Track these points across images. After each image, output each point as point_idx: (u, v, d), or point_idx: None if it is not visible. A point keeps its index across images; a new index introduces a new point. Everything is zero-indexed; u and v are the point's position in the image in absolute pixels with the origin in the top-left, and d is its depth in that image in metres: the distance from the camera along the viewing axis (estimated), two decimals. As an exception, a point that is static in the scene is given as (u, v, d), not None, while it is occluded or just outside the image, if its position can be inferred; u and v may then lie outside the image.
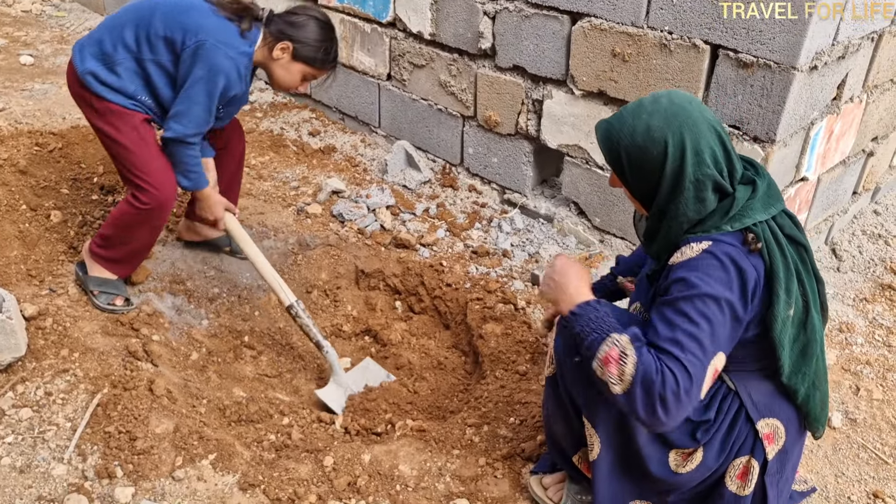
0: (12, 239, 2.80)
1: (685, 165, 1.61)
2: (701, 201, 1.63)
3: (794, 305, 1.64)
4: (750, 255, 1.60)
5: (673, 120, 1.63)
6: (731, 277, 1.57)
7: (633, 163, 1.67)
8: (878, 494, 2.26)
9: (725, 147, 1.65)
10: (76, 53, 2.44)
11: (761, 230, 1.63)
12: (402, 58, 3.83)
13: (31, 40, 5.43)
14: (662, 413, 1.51)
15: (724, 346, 1.58)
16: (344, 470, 2.12)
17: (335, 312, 3.07)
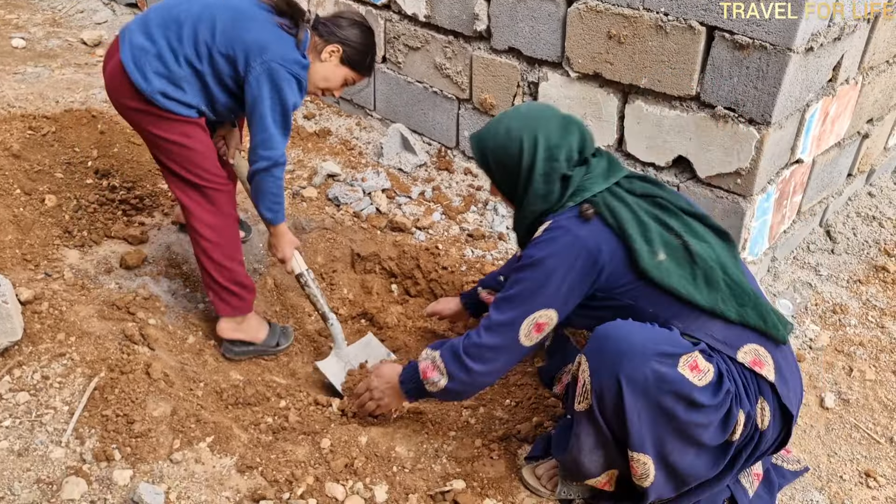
0: (7, 223, 2.79)
1: (537, 160, 1.88)
2: (548, 193, 1.90)
3: (662, 250, 1.80)
4: (587, 222, 1.83)
5: (529, 121, 1.91)
6: (563, 243, 1.81)
7: (497, 161, 1.96)
8: (870, 473, 2.28)
9: (583, 137, 1.92)
10: (135, 72, 2.27)
11: (601, 198, 1.86)
12: (397, 40, 3.81)
13: (23, 23, 5.39)
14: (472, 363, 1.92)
15: (552, 301, 1.84)
16: (341, 452, 2.13)
17: (331, 296, 3.08)
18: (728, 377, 1.76)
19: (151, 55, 2.29)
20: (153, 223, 3.11)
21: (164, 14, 2.33)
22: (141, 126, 2.40)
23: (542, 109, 1.97)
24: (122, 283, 2.74)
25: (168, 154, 2.40)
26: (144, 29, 2.31)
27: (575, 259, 1.80)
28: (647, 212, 1.86)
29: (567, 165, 1.89)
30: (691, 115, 2.74)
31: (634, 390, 1.69)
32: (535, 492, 2.08)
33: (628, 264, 1.81)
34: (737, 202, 2.74)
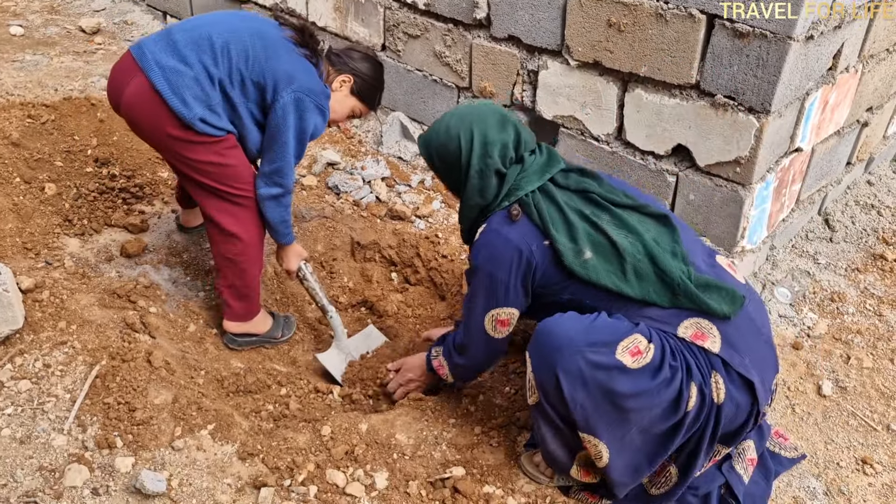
0: (7, 212, 2.79)
1: (473, 156, 1.98)
2: (484, 188, 2.00)
3: (588, 248, 1.88)
4: (515, 223, 1.93)
5: (465, 118, 2.02)
6: (496, 246, 1.93)
7: (440, 158, 2.07)
8: (867, 460, 2.30)
9: (519, 134, 2.01)
10: (173, 97, 2.22)
11: (531, 198, 1.94)
12: (396, 28, 3.80)
13: (21, 10, 5.36)
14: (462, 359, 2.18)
15: (503, 300, 1.98)
16: (342, 439, 2.15)
17: (331, 284, 3.09)
18: (673, 354, 1.78)
19: (189, 78, 2.24)
20: (153, 211, 3.11)
21: (194, 35, 2.28)
22: (173, 150, 2.34)
23: (481, 108, 2.05)
24: (122, 271, 2.75)
25: (203, 173, 2.38)
26: (173, 49, 2.25)
27: (510, 261, 1.93)
28: (575, 209, 1.94)
29: (501, 162, 1.99)
30: (691, 103, 2.74)
31: (572, 382, 1.74)
32: (534, 478, 2.09)
33: (556, 262, 1.91)
34: (736, 190, 2.74)
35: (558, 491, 2.08)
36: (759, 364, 1.86)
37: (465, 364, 2.21)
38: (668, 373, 1.75)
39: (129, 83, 2.29)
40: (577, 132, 3.21)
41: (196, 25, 2.32)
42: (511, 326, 2.05)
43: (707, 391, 1.79)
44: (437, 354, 2.32)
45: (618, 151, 3.06)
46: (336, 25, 4.13)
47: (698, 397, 1.78)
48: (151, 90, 2.23)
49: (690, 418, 1.79)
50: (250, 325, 2.65)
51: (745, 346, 1.85)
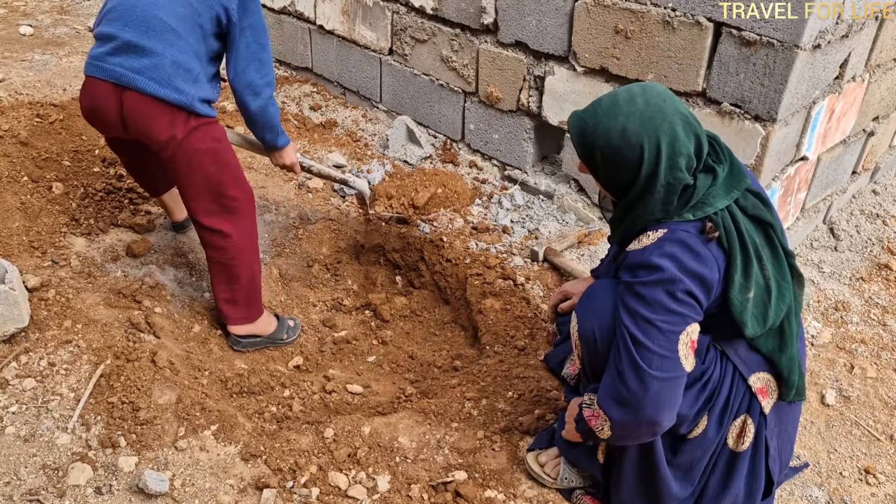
0: (14, 210, 2.81)
1: (659, 170, 1.65)
2: (669, 203, 1.68)
3: (752, 289, 1.68)
4: (707, 243, 1.65)
5: (649, 123, 1.64)
6: (694, 260, 1.62)
7: (608, 163, 1.70)
8: (870, 470, 2.29)
9: (699, 142, 1.69)
10: (168, 90, 2.21)
11: (721, 218, 1.67)
12: (403, 32, 3.82)
13: (31, 10, 5.39)
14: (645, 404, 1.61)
15: (694, 317, 1.63)
16: (344, 441, 2.15)
17: (336, 286, 3.09)
18: (715, 383, 1.77)
19: (164, 64, 2.21)
20: (159, 212, 3.12)
21: (127, 19, 2.21)
22: (176, 152, 2.31)
23: (663, 106, 1.67)
24: (128, 271, 2.76)
25: (205, 169, 2.37)
26: (126, 47, 2.21)
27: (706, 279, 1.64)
28: (752, 242, 1.71)
29: (689, 174, 1.68)
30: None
31: (603, 336, 1.74)
32: (538, 478, 2.09)
33: (720, 295, 1.70)
34: (741, 198, 2.74)
35: (560, 495, 2.08)
36: (784, 451, 1.90)
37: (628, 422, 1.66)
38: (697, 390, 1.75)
39: (109, 108, 2.26)
40: (582, 138, 3.20)
41: (119, 7, 2.24)
42: (697, 355, 1.73)
43: (726, 426, 1.80)
44: (592, 403, 1.78)
45: (623, 158, 3.06)
46: (344, 29, 4.14)
47: (713, 427, 1.79)
48: (148, 97, 2.21)
49: (698, 444, 1.81)
50: (254, 327, 2.66)
51: (786, 423, 1.89)
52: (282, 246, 3.15)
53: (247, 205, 2.51)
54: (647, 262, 1.64)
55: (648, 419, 1.63)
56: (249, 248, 2.55)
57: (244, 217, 2.50)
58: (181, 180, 2.41)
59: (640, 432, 1.68)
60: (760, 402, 1.81)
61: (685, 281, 1.60)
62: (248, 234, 2.54)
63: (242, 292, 2.58)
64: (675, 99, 1.70)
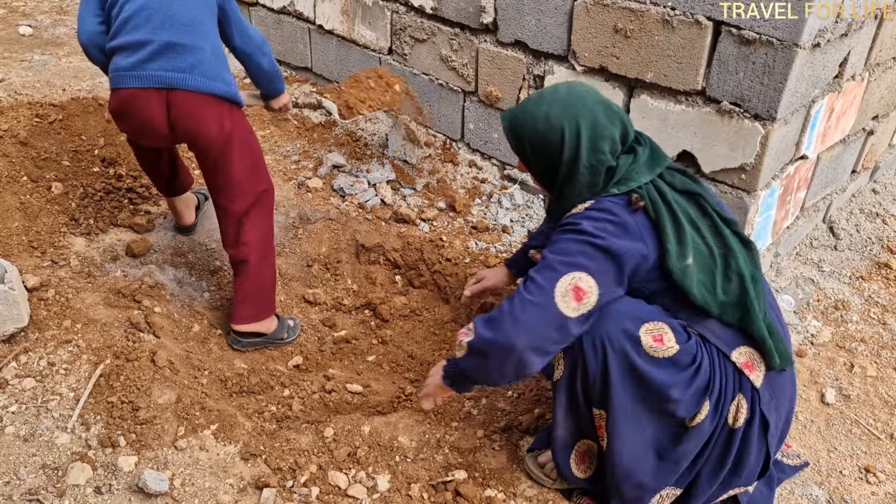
0: (13, 210, 2.81)
1: (580, 151, 1.78)
2: (594, 185, 1.81)
3: (691, 255, 1.77)
4: (634, 213, 1.76)
5: (570, 109, 1.79)
6: (613, 224, 1.73)
7: (535, 149, 1.85)
8: (870, 469, 2.30)
9: (625, 128, 1.84)
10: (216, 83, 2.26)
11: (646, 190, 1.79)
12: (403, 32, 3.81)
13: (30, 10, 5.39)
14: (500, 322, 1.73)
15: (593, 269, 1.71)
16: (344, 441, 2.15)
17: (335, 286, 3.09)
18: (708, 369, 1.78)
19: (208, 58, 2.25)
20: (159, 212, 3.12)
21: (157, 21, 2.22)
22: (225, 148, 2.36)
23: (584, 94, 1.82)
24: (127, 271, 2.76)
25: (246, 161, 2.43)
26: (166, 48, 2.21)
27: (623, 236, 1.73)
28: (684, 212, 1.81)
29: (612, 156, 1.80)
30: (697, 109, 2.74)
31: (594, 345, 1.75)
32: (538, 480, 2.09)
33: (657, 260, 1.78)
34: (741, 197, 2.74)
35: (560, 495, 2.08)
36: (782, 415, 1.89)
37: (488, 338, 1.75)
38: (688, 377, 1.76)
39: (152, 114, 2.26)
40: (582, 137, 3.21)
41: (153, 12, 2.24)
42: (582, 307, 1.70)
43: (724, 411, 1.80)
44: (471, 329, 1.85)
45: (623, 157, 3.06)
46: (343, 28, 4.14)
47: (710, 415, 1.79)
48: (200, 95, 2.25)
49: (696, 434, 1.81)
50: (259, 325, 2.66)
51: (781, 396, 1.87)
52: (281, 245, 3.15)
53: (272, 198, 2.58)
54: (571, 222, 1.77)
55: (506, 339, 1.71)
56: (272, 244, 2.60)
57: (270, 212, 2.57)
58: (223, 177, 2.42)
59: (497, 356, 1.76)
60: (749, 376, 1.81)
61: (599, 237, 1.70)
62: (272, 229, 2.59)
63: (264, 290, 2.61)
64: (599, 93, 1.86)
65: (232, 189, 2.45)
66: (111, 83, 2.29)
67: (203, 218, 3.11)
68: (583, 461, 2.01)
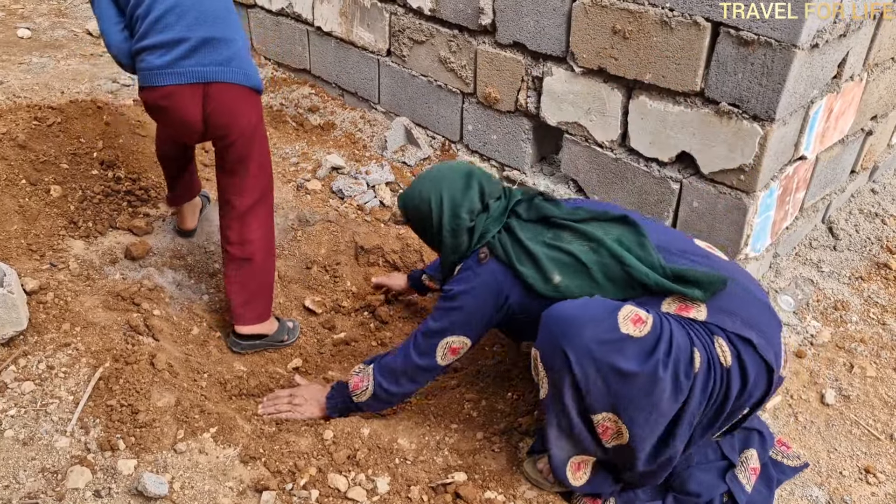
0: (12, 213, 2.80)
1: (444, 219, 2.14)
2: (457, 245, 2.15)
3: (556, 272, 1.97)
4: (485, 265, 2.06)
5: (434, 182, 2.18)
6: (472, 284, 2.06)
7: (416, 220, 2.25)
8: (870, 469, 2.29)
9: (483, 193, 2.16)
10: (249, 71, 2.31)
11: (497, 239, 2.08)
12: (401, 33, 3.81)
13: (28, 13, 5.39)
14: (395, 383, 2.20)
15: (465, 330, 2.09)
16: (343, 443, 2.15)
17: (335, 288, 3.09)
18: (667, 326, 1.81)
19: (241, 50, 2.29)
20: (158, 214, 3.12)
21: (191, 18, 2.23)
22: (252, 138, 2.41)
23: (447, 170, 2.21)
24: (126, 273, 2.76)
25: (262, 151, 2.47)
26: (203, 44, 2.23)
27: (482, 292, 2.05)
28: (536, 239, 2.04)
29: (470, 218, 2.13)
30: (695, 110, 2.74)
31: (580, 359, 1.79)
32: (537, 484, 2.09)
33: (531, 292, 2.00)
34: (740, 198, 2.74)
35: (560, 497, 2.08)
36: (754, 322, 1.88)
37: (393, 391, 2.22)
38: (669, 336, 1.79)
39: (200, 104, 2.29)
40: (581, 139, 3.21)
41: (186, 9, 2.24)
42: (458, 356, 2.16)
43: (713, 355, 1.81)
44: (364, 371, 2.28)
45: (622, 158, 3.06)
46: (342, 30, 4.14)
47: (704, 361, 1.80)
48: (235, 89, 2.29)
49: (700, 383, 1.80)
50: (261, 327, 2.66)
51: (734, 308, 1.88)
52: (280, 247, 3.15)
53: (273, 196, 2.61)
54: (445, 290, 2.12)
55: (403, 391, 2.21)
56: (274, 243, 2.62)
57: (272, 210, 2.60)
58: (243, 169, 2.45)
59: (393, 400, 2.25)
60: (687, 315, 1.86)
61: (460, 303, 2.06)
62: (273, 228, 2.61)
63: (264, 290, 2.61)
64: (467, 166, 2.23)
65: (245, 183, 2.48)
66: (144, 80, 2.28)
67: (202, 221, 3.11)
68: (578, 469, 2.02)
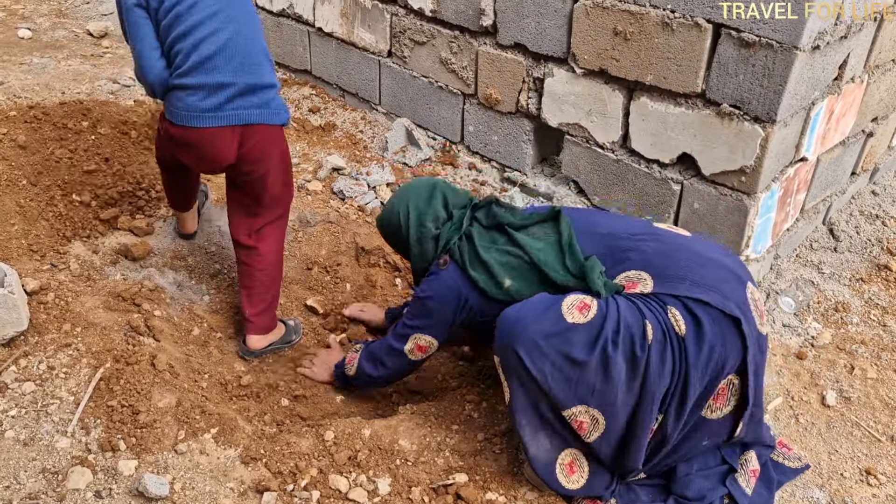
0: (13, 214, 2.80)
1: (410, 228, 2.30)
2: (423, 252, 2.29)
3: (507, 277, 2.09)
4: (445, 270, 2.19)
5: (402, 196, 2.36)
6: (435, 287, 2.19)
7: (388, 233, 2.42)
8: (871, 471, 2.29)
9: (446, 203, 2.32)
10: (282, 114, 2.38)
11: (456, 246, 2.20)
12: (402, 34, 3.82)
13: (29, 13, 5.39)
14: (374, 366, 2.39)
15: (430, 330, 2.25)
16: (344, 444, 2.15)
17: (335, 289, 3.09)
18: (614, 305, 1.86)
19: (276, 92, 2.35)
20: (159, 215, 3.12)
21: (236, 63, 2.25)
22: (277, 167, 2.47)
23: (414, 184, 2.39)
24: (127, 274, 2.75)
25: (286, 173, 2.53)
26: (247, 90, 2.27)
27: (444, 299, 2.18)
28: (489, 246, 2.16)
29: (435, 226, 2.28)
30: (696, 112, 2.74)
31: (531, 355, 1.84)
32: (538, 486, 2.09)
33: (487, 296, 2.12)
34: (741, 199, 2.74)
35: (561, 499, 2.08)
36: (706, 281, 1.89)
37: (371, 374, 2.40)
38: (616, 315, 1.83)
39: (236, 144, 2.33)
40: (582, 140, 3.21)
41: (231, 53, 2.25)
42: (427, 354, 2.31)
43: (667, 325, 1.84)
44: (356, 350, 2.51)
45: (623, 159, 3.06)
46: (343, 31, 4.14)
47: (658, 330, 1.82)
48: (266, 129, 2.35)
49: (656, 353, 1.81)
50: (273, 335, 2.71)
51: (681, 273, 1.91)
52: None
53: (288, 212, 2.68)
54: (415, 295, 2.27)
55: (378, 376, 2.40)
56: (282, 255, 2.67)
57: (286, 223, 2.67)
58: (266, 193, 2.50)
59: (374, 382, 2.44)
60: (637, 290, 1.91)
61: (425, 307, 2.21)
62: (283, 240, 2.68)
63: (275, 301, 2.66)
64: (436, 180, 2.40)
65: (267, 203, 2.53)
66: (180, 120, 2.26)
67: (203, 222, 3.11)
68: (572, 471, 2.01)
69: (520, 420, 1.96)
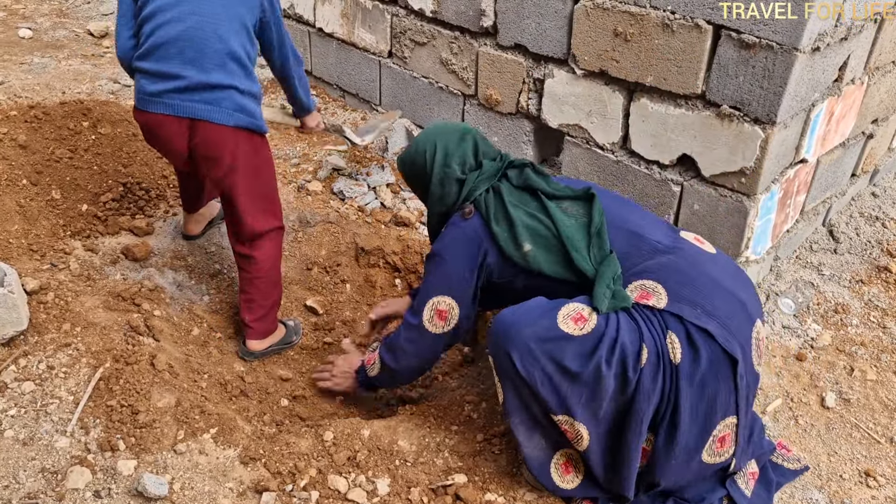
0: (13, 213, 2.80)
1: (434, 167, 2.21)
2: (444, 195, 2.20)
3: (528, 241, 2.03)
4: (468, 220, 2.11)
5: (430, 135, 2.27)
6: (452, 237, 2.12)
7: (410, 171, 2.33)
8: (870, 473, 2.29)
9: (476, 150, 2.23)
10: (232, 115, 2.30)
11: (482, 198, 2.12)
12: (403, 35, 3.82)
13: (30, 13, 5.40)
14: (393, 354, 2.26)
15: (448, 287, 2.12)
16: (344, 444, 2.15)
17: (335, 289, 3.09)
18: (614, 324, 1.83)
19: (234, 92, 2.29)
20: (159, 215, 3.12)
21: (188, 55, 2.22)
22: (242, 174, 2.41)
23: (445, 126, 2.30)
24: (127, 274, 2.75)
25: (256, 184, 2.47)
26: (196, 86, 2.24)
27: (464, 250, 2.09)
28: (518, 206, 2.08)
29: (461, 170, 2.20)
30: (696, 113, 2.74)
31: (523, 358, 1.83)
32: (538, 487, 2.09)
33: (502, 254, 2.06)
34: (741, 201, 2.74)
35: (560, 500, 2.08)
36: (719, 312, 1.87)
37: (391, 366, 2.28)
38: (614, 334, 1.81)
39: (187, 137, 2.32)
40: (582, 141, 3.21)
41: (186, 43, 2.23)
42: (449, 323, 2.15)
43: (663, 349, 1.83)
44: (374, 349, 2.43)
45: (623, 160, 3.06)
46: (343, 32, 4.14)
47: (653, 353, 1.81)
48: (227, 131, 2.31)
49: (648, 375, 1.81)
50: (273, 338, 2.71)
51: (697, 297, 1.89)
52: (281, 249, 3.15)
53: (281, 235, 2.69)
54: (431, 251, 2.18)
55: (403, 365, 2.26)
56: (279, 263, 2.66)
57: (280, 243, 2.66)
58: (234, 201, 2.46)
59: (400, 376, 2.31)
60: (647, 303, 1.88)
61: (445, 260, 2.11)
62: (279, 248, 2.67)
63: (276, 307, 2.66)
64: (464, 126, 2.31)
65: (244, 212, 2.49)
66: (137, 102, 2.32)
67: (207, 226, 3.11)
68: (567, 471, 2.01)
69: (514, 420, 1.96)
